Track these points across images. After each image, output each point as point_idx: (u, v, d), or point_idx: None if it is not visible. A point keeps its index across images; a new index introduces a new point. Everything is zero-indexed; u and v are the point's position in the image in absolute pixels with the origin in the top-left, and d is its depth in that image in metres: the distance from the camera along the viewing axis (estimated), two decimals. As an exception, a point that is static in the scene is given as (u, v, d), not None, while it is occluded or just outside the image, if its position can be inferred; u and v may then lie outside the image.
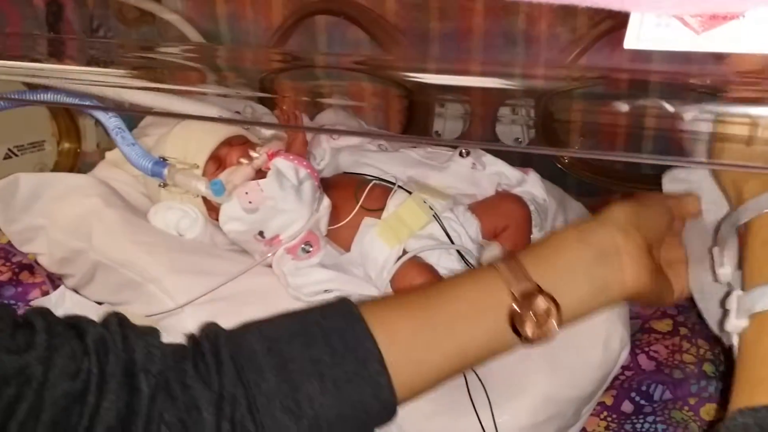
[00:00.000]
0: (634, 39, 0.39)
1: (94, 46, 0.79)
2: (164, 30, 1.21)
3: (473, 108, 1.06)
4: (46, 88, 0.80)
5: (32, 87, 0.78)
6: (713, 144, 0.42)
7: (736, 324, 0.41)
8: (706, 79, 0.40)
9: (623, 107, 0.49)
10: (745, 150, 0.40)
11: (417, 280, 0.71)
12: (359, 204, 0.76)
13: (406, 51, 1.06)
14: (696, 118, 0.40)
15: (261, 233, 0.73)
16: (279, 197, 0.72)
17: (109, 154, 0.90)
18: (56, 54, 0.75)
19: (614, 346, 0.69)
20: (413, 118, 1.14)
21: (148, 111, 0.92)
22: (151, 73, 1.07)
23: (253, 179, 0.74)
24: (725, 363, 0.81)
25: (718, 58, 0.38)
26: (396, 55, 1.06)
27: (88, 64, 0.75)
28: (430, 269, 0.71)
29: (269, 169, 0.75)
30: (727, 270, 0.47)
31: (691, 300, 0.90)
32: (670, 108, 0.42)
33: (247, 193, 0.72)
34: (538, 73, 0.59)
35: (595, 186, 1.13)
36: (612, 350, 0.69)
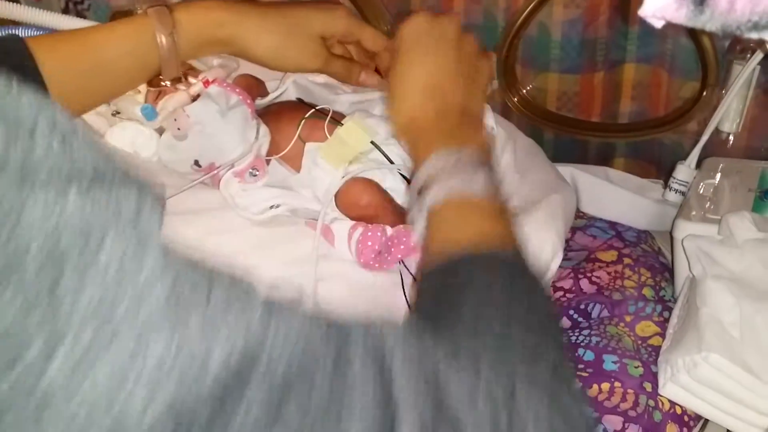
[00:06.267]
0: None
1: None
2: None
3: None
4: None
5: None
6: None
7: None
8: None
9: None
10: None
11: (362, 197, 0.73)
12: (298, 133, 0.77)
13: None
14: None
15: (197, 162, 0.75)
16: (205, 122, 0.74)
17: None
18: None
19: (546, 254, 0.71)
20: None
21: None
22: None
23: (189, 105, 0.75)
24: (666, 289, 0.83)
25: None
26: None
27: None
28: (374, 185, 0.73)
29: None
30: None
31: (638, 235, 0.93)
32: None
33: (176, 119, 0.74)
34: None
35: (573, 146, 1.13)
36: (543, 258, 0.71)
